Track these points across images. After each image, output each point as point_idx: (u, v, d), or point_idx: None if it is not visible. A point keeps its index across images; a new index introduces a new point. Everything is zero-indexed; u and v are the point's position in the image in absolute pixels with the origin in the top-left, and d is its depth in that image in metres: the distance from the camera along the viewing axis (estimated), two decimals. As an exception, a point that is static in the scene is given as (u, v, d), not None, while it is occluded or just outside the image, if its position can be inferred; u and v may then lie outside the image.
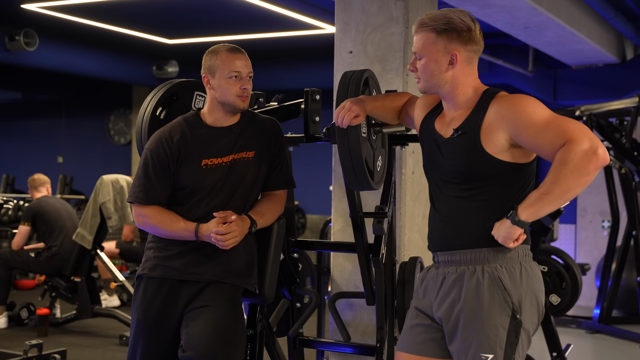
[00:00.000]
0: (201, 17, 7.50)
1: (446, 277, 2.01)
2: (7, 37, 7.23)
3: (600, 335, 5.60)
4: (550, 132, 1.86)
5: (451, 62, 1.99)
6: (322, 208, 9.38)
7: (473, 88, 2.03)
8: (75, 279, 5.51)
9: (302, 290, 3.04)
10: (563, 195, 1.83)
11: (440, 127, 2.08)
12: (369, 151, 2.35)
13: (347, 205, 3.28)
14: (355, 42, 3.34)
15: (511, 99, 1.95)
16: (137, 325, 2.49)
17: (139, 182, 2.49)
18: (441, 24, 1.98)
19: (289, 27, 7.46)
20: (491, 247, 1.96)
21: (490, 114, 1.95)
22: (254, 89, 3.31)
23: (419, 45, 2.01)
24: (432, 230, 2.10)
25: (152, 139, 2.51)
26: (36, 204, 5.65)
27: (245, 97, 2.50)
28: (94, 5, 6.78)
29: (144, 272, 2.51)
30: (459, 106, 2.03)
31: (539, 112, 1.90)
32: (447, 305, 1.99)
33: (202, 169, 2.47)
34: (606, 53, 7.12)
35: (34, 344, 4.21)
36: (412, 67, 2.05)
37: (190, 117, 2.55)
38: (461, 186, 2.00)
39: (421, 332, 2.07)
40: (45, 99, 11.73)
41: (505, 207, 1.95)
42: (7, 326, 5.55)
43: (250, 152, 2.52)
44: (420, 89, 2.06)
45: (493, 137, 1.93)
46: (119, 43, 8.48)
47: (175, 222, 2.44)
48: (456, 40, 1.98)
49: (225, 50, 2.49)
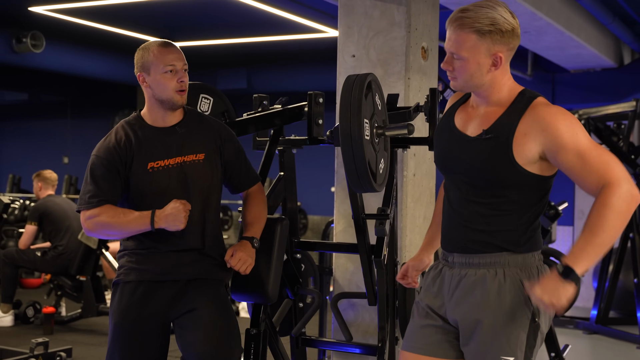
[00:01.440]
0: (205, 20, 7.57)
1: (463, 279, 1.95)
2: (15, 39, 7.31)
3: (598, 335, 5.63)
4: (589, 165, 1.79)
5: (494, 64, 1.88)
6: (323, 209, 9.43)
7: (508, 87, 1.93)
8: (80, 278, 5.57)
9: (305, 291, 3.07)
10: (612, 241, 1.78)
11: (463, 123, 1.98)
12: (372, 154, 2.38)
13: (349, 206, 3.33)
14: (358, 46, 3.39)
15: (554, 114, 1.84)
16: (114, 331, 2.41)
17: (86, 188, 2.40)
18: (485, 25, 1.84)
19: (292, 31, 7.52)
20: (510, 252, 1.91)
21: (527, 122, 1.85)
22: (258, 92, 3.37)
23: (459, 46, 1.86)
24: (449, 230, 2.01)
25: (98, 146, 2.44)
26: (43, 204, 5.70)
27: (183, 91, 2.41)
28: (100, 8, 6.85)
29: (119, 278, 2.44)
30: (491, 103, 1.94)
31: (580, 137, 1.82)
32: (465, 307, 1.93)
33: (148, 172, 2.39)
34: (604, 57, 7.18)
35: (40, 342, 4.25)
36: (448, 66, 1.91)
37: (132, 119, 2.48)
38: (484, 191, 1.92)
39: (432, 332, 2.01)
40: (51, 100, 11.81)
41: (525, 216, 1.90)
42: (14, 324, 5.61)
43: (200, 155, 2.45)
44: (455, 87, 1.94)
45: (526, 148, 1.85)
46: (124, 45, 8.54)
47: (128, 212, 2.36)
48: (500, 42, 1.86)
49: (157, 45, 2.41)
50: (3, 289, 5.61)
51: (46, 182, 5.87)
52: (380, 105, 2.53)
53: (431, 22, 3.47)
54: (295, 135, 3.11)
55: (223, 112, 3.00)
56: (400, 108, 2.96)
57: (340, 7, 3.45)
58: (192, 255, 2.44)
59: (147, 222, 2.33)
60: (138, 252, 2.43)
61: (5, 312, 5.59)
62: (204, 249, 2.45)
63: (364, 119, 2.34)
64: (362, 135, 2.28)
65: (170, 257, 2.43)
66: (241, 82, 9.20)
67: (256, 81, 9.19)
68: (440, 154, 2.02)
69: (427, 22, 3.43)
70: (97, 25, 7.47)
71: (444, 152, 2.01)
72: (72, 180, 9.01)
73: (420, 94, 3.37)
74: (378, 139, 2.47)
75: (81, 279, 5.57)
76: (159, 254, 2.42)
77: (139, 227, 2.36)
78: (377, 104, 2.49)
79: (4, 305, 5.60)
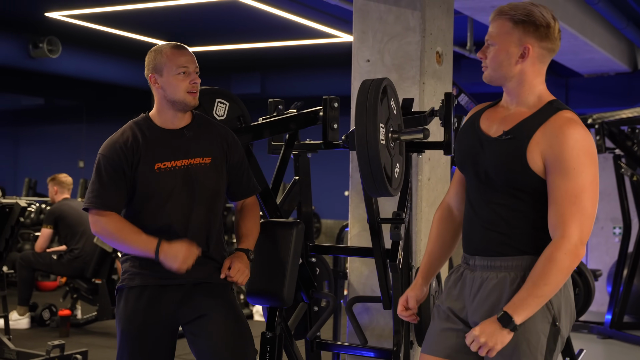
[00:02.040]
0: (219, 25, 7.62)
1: (484, 282, 1.95)
2: (31, 45, 7.41)
3: (612, 340, 5.61)
4: (567, 202, 1.83)
5: (522, 55, 1.90)
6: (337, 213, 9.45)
7: (539, 92, 1.95)
8: (96, 281, 5.62)
9: (320, 294, 3.08)
10: (552, 294, 1.85)
11: (488, 125, 1.99)
12: (387, 158, 2.38)
13: (364, 210, 3.34)
14: (373, 50, 3.41)
15: (568, 136, 1.84)
16: (121, 336, 2.41)
17: (93, 187, 2.38)
18: (520, 15, 1.89)
19: (306, 36, 7.55)
20: (531, 255, 1.90)
21: (544, 132, 1.87)
22: (272, 97, 3.39)
23: (493, 32, 1.93)
24: (471, 233, 2.01)
25: (105, 145, 2.43)
26: (58, 207, 5.75)
27: (195, 92, 2.42)
28: (115, 14, 6.92)
29: (123, 283, 2.43)
30: (520, 104, 1.95)
31: (580, 170, 1.83)
32: (486, 311, 1.92)
33: (155, 172, 2.39)
34: (618, 62, 7.17)
35: (57, 344, 4.29)
36: (481, 54, 1.96)
37: (141, 120, 2.48)
38: (502, 192, 1.93)
39: (452, 336, 2.01)
40: (66, 104, 11.92)
41: (543, 220, 1.90)
42: (30, 327, 5.66)
43: (207, 158, 2.45)
44: (486, 77, 1.97)
45: (535, 155, 1.87)
46: (139, 50, 8.56)
47: (135, 233, 2.35)
48: (532, 34, 1.89)
49: (170, 47, 2.43)
50: (20, 292, 5.66)
51: (61, 185, 5.92)
52: (395, 109, 2.54)
53: (446, 27, 3.48)
54: (310, 140, 3.12)
55: (238, 116, 3.01)
56: (415, 112, 2.98)
57: (355, 12, 3.47)
58: (196, 258, 2.42)
59: (152, 251, 2.33)
60: (141, 257, 2.41)
61: (22, 315, 5.64)
62: (208, 252, 2.45)
63: (380, 124, 2.35)
64: (378, 139, 2.28)
65: None
66: (255, 87, 9.24)
67: (270, 86, 9.23)
68: (462, 154, 2.04)
69: (441, 26, 3.44)
70: (113, 30, 7.54)
71: (465, 152, 2.03)
72: (87, 184, 9.06)
73: (435, 99, 3.38)
74: (393, 144, 2.47)
75: (97, 282, 5.61)
76: None
77: (143, 251, 2.36)
78: (393, 109, 2.50)
79: (20, 307, 5.65)
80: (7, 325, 4.83)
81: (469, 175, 2.02)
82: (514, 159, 1.88)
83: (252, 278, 2.71)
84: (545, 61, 1.95)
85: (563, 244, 1.82)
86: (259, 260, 2.73)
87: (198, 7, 6.69)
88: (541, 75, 1.95)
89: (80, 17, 7.07)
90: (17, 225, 4.83)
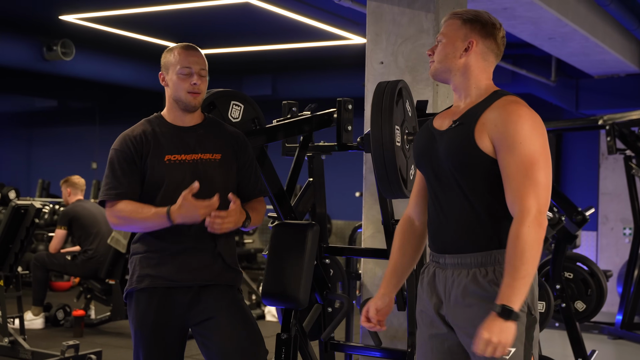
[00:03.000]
0: (231, 27, 7.65)
1: (456, 280, 1.97)
2: (45, 47, 7.46)
3: (623, 341, 5.60)
4: (519, 176, 1.87)
5: (466, 49, 2.01)
6: (347, 214, 9.45)
7: (486, 85, 2.04)
8: (109, 281, 5.66)
9: (334, 295, 3.10)
10: (534, 268, 1.85)
11: (441, 122, 2.07)
12: (402, 160, 2.40)
13: (378, 212, 3.35)
14: (386, 52, 3.42)
15: (511, 112, 1.92)
16: (135, 336, 2.45)
17: (106, 181, 2.43)
18: (469, 15, 2.04)
19: (317, 38, 7.57)
20: (500, 249, 1.93)
21: (489, 114, 1.95)
22: (283, 98, 3.40)
23: (444, 30, 2.06)
24: (437, 232, 2.04)
25: (116, 140, 2.48)
26: (72, 209, 5.79)
27: (195, 93, 2.45)
28: (128, 17, 6.96)
29: (132, 286, 2.45)
30: (468, 97, 2.03)
31: (527, 143, 1.88)
32: (462, 311, 1.95)
33: (165, 164, 2.42)
34: (629, 63, 7.15)
35: (71, 344, 4.32)
36: (430, 51, 2.08)
37: (153, 117, 2.54)
38: (459, 185, 1.96)
39: (440, 342, 2.04)
40: (80, 106, 12.00)
41: (502, 206, 1.92)
42: (44, 327, 5.71)
43: (217, 155, 2.47)
44: (431, 71, 2.07)
45: (483, 136, 1.93)
46: (151, 53, 8.64)
47: (147, 208, 2.37)
48: (478, 32, 2.02)
49: (180, 47, 2.49)
50: (34, 292, 5.71)
51: (75, 187, 5.97)
52: (410, 111, 2.55)
53: (459, 29, 3.49)
54: (324, 142, 3.14)
55: (253, 118, 3.03)
56: (430, 114, 2.98)
57: (368, 14, 3.49)
58: (204, 257, 2.44)
59: (165, 220, 2.34)
60: (149, 256, 2.43)
61: (36, 315, 5.69)
62: (216, 249, 2.46)
63: (395, 126, 2.36)
64: (394, 142, 2.30)
65: (182, 259, 2.42)
66: (266, 89, 9.27)
67: (281, 87, 9.25)
68: (417, 152, 2.11)
69: (455, 29, 3.44)
70: (125, 33, 7.59)
71: (420, 150, 2.09)
72: (99, 185, 9.14)
73: (449, 101, 3.39)
74: (408, 145, 2.48)
75: (110, 283, 5.65)
76: (169, 256, 2.42)
77: (158, 224, 2.37)
78: (408, 111, 2.51)
79: (35, 308, 5.70)
80: (22, 325, 4.87)
81: (427, 173, 2.07)
82: (463, 142, 1.95)
83: (268, 279, 2.73)
84: (490, 60, 2.04)
85: (523, 218, 1.85)
86: (274, 262, 2.75)
87: (211, 10, 6.73)
88: (487, 73, 2.05)
89: (93, 20, 7.13)
90: (32, 226, 4.87)
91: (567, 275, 4.65)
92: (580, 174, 8.62)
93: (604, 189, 8.52)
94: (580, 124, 6.17)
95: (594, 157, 8.68)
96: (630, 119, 5.50)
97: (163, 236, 2.41)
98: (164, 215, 2.33)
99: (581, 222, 4.46)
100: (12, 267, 4.86)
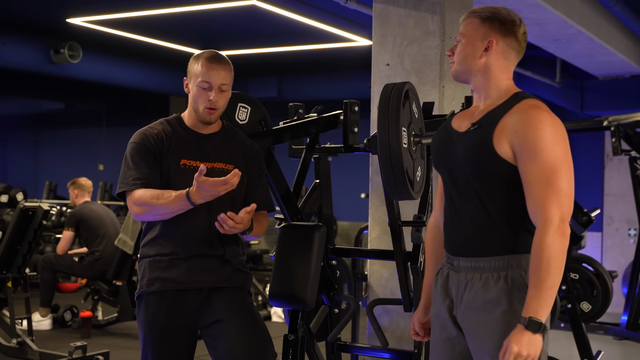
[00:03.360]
0: (236, 30, 7.67)
1: (469, 283, 1.96)
2: (53, 50, 7.50)
3: (628, 341, 5.60)
4: (540, 184, 1.83)
5: (486, 48, 1.97)
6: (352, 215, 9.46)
7: (506, 86, 2.00)
8: (117, 282, 5.69)
9: (341, 297, 3.11)
10: (559, 280, 1.83)
11: (460, 122, 2.05)
12: (409, 162, 2.39)
13: (384, 213, 3.37)
14: (392, 54, 3.44)
15: (531, 118, 1.88)
16: (144, 339, 2.44)
17: (125, 171, 2.40)
18: (487, 12, 1.99)
19: (322, 40, 7.58)
20: (514, 254, 1.92)
21: (508, 119, 1.91)
22: (288, 100, 3.40)
23: (462, 30, 2.01)
24: (453, 234, 2.03)
25: (135, 134, 2.46)
26: (79, 210, 5.82)
27: (212, 110, 2.43)
28: (135, 20, 6.99)
29: (142, 289, 2.44)
30: (488, 98, 2.00)
31: (549, 150, 1.85)
32: (472, 315, 1.94)
33: (180, 168, 2.41)
34: (633, 64, 7.14)
35: (79, 345, 4.35)
36: (449, 52, 2.04)
37: (172, 118, 2.53)
38: (475, 188, 1.94)
39: (452, 346, 2.03)
40: (87, 108, 12.06)
41: (519, 212, 1.90)
42: (52, 328, 5.74)
43: (230, 165, 2.46)
44: (452, 72, 2.04)
45: (502, 142, 1.90)
46: (158, 55, 8.70)
47: (167, 193, 2.32)
48: (497, 30, 1.97)
49: (205, 58, 2.44)
50: (42, 294, 5.74)
51: (82, 189, 6.00)
52: (417, 113, 2.56)
53: (465, 31, 3.50)
54: (330, 144, 3.15)
55: (260, 120, 3.04)
56: (436, 116, 3.00)
57: (374, 16, 3.50)
58: (213, 262, 2.45)
59: (186, 203, 2.28)
60: (159, 260, 2.43)
61: (44, 316, 5.72)
62: (224, 256, 2.47)
63: (402, 128, 2.37)
64: (401, 144, 2.30)
65: (192, 263, 2.42)
66: (272, 91, 9.29)
67: (286, 89, 9.27)
68: (435, 154, 2.09)
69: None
70: (132, 35, 7.62)
71: (438, 151, 2.08)
72: (106, 187, 9.19)
73: (454, 102, 3.41)
74: (415, 147, 2.48)
75: (117, 284, 5.68)
76: (180, 260, 2.42)
77: (180, 207, 2.32)
78: (414, 112, 2.52)
79: (42, 309, 5.73)
80: (30, 326, 4.89)
81: (444, 174, 2.06)
82: (482, 147, 1.92)
83: (275, 281, 2.74)
84: (511, 59, 2.00)
85: (547, 228, 1.82)
86: (282, 264, 2.77)
87: (216, 12, 6.75)
88: (508, 72, 2.01)
89: (100, 23, 7.15)
90: (40, 228, 4.89)
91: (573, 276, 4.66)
92: (585, 175, 8.61)
93: (609, 190, 8.52)
94: (585, 125, 6.16)
95: (599, 158, 8.68)
96: (636, 120, 5.49)
97: (173, 240, 2.42)
98: (184, 198, 2.27)
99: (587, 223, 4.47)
100: (20, 268, 4.89)
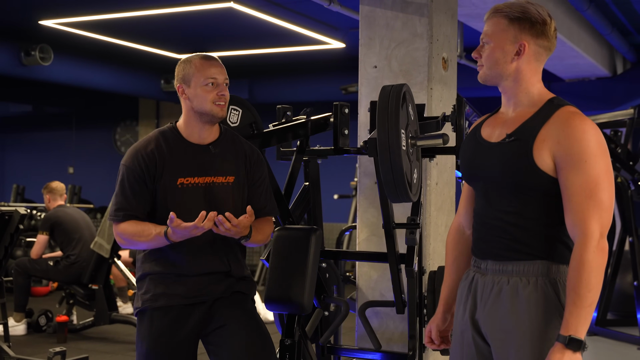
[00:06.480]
0: (207, 32, 7.64)
1: (495, 286, 1.91)
2: (23, 52, 7.36)
3: (597, 337, 5.70)
4: (582, 197, 1.78)
5: (518, 52, 1.89)
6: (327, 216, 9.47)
7: (538, 90, 1.93)
8: (92, 286, 5.59)
9: (332, 299, 3.11)
10: (597, 296, 1.79)
11: (490, 131, 1.97)
12: (407, 164, 2.39)
13: (373, 215, 3.38)
14: (380, 57, 3.45)
15: (574, 128, 1.81)
16: (146, 353, 2.39)
17: (116, 200, 2.40)
18: (516, 12, 1.88)
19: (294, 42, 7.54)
20: (543, 260, 1.87)
21: (549, 129, 1.84)
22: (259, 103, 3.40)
23: (489, 31, 1.91)
24: (482, 237, 1.97)
25: (128, 153, 2.42)
26: (54, 214, 5.72)
27: (222, 104, 2.41)
28: (107, 22, 6.89)
29: (146, 304, 2.41)
30: (519, 105, 1.93)
31: (593, 162, 1.79)
32: (497, 320, 1.90)
33: (177, 188, 2.38)
34: (600, 67, 7.29)
35: (58, 351, 4.25)
36: (476, 54, 1.94)
37: (168, 130, 2.47)
38: (509, 197, 1.89)
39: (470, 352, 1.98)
40: (56, 111, 11.87)
41: (552, 225, 1.87)
42: (26, 333, 5.62)
43: (230, 177, 2.44)
44: (481, 77, 1.96)
45: (543, 153, 1.84)
46: (129, 57, 8.60)
47: (147, 230, 2.33)
48: (528, 31, 1.88)
49: (199, 58, 2.43)
50: (16, 299, 5.62)
51: (53, 192, 5.91)
52: (413, 115, 2.57)
53: (450, 33, 3.54)
54: (320, 146, 3.15)
55: (251, 123, 3.04)
56: (428, 118, 3.02)
57: (361, 18, 3.51)
58: (218, 277, 2.45)
59: (165, 241, 2.31)
60: (164, 276, 2.41)
61: (18, 321, 5.60)
62: (230, 272, 2.46)
63: (401, 130, 2.37)
64: (401, 146, 2.29)
65: (198, 279, 2.42)
66: (243, 93, 9.26)
67: (258, 92, 9.25)
68: (466, 164, 2.02)
69: (447, 33, 3.49)
70: (104, 38, 7.51)
71: (469, 162, 2.01)
72: (75, 189, 9.03)
73: (442, 104, 3.43)
74: (412, 149, 2.49)
75: (93, 288, 5.59)
76: (186, 278, 2.41)
77: (159, 244, 2.35)
78: (411, 114, 2.53)
79: (17, 314, 5.62)
80: (6, 332, 4.80)
81: (477, 185, 2.00)
82: (521, 161, 1.85)
83: (271, 285, 2.73)
84: (542, 59, 1.93)
85: (587, 243, 1.78)
86: (277, 267, 2.75)
87: (187, 15, 6.69)
88: (538, 74, 1.94)
89: (73, 25, 7.03)
90: (17, 232, 4.79)
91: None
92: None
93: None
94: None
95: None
96: (602, 122, 5.63)
97: (179, 258, 2.40)
98: (162, 238, 2.30)
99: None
100: (-4, 273, 4.79)
